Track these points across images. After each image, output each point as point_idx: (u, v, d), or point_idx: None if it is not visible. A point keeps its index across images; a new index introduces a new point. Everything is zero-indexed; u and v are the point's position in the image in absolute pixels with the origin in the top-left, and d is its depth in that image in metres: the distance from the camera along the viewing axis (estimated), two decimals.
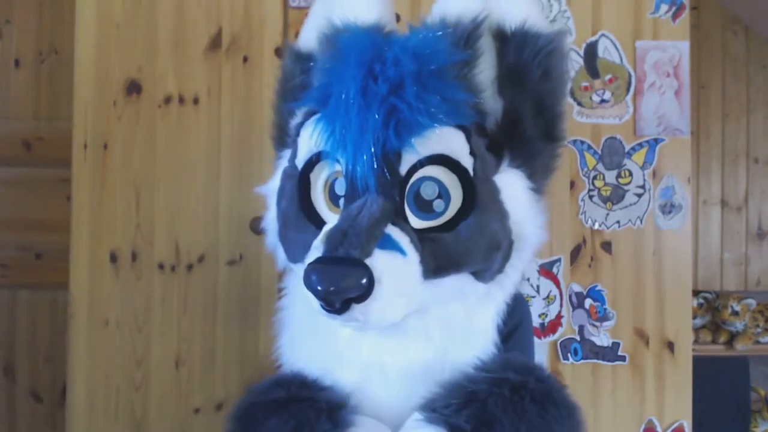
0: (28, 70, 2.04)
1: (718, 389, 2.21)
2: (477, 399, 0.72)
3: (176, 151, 1.44)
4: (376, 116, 0.71)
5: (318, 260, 0.67)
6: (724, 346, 2.38)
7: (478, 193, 0.74)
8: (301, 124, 0.81)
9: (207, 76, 1.44)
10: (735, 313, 2.34)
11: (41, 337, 2.01)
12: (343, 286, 0.65)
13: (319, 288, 0.66)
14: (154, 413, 1.42)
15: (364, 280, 0.65)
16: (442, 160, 0.73)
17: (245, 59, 1.44)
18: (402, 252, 0.70)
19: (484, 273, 0.77)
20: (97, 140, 1.44)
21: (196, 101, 1.44)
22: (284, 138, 0.89)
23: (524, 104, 0.78)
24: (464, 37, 0.76)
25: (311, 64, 0.86)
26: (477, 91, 0.78)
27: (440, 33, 0.76)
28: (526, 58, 0.77)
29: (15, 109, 2.03)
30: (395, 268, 0.68)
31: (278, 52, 1.44)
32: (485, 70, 0.79)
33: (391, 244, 0.69)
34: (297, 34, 1.44)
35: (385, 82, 0.71)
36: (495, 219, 0.76)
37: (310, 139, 0.77)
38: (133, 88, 1.44)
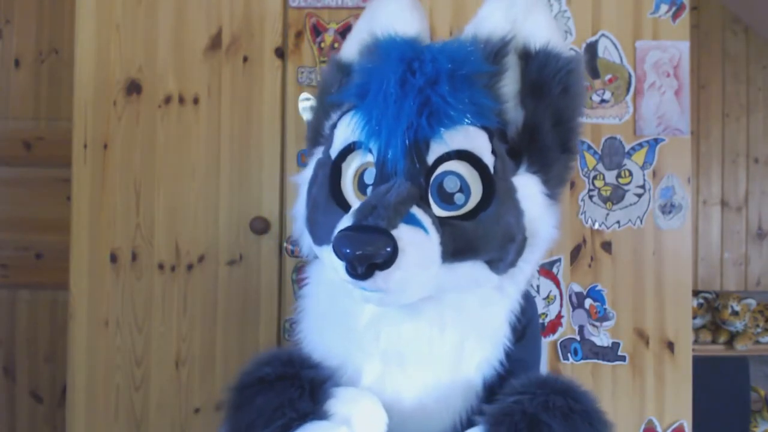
0: (28, 70, 2.04)
1: (718, 389, 2.21)
2: (534, 425, 0.77)
3: (176, 151, 1.44)
4: (416, 102, 0.77)
5: (348, 228, 0.73)
6: (724, 346, 2.38)
7: (496, 189, 0.80)
8: (335, 124, 0.89)
9: (207, 76, 1.44)
10: (735, 313, 2.34)
11: (41, 337, 2.01)
12: (369, 251, 0.70)
13: (347, 251, 0.71)
14: (154, 413, 1.42)
15: (389, 248, 0.70)
16: (466, 156, 0.80)
17: (245, 59, 1.44)
18: (425, 230, 0.75)
19: (498, 263, 0.82)
20: (97, 140, 1.44)
21: (196, 101, 1.44)
22: (318, 138, 0.96)
23: (543, 116, 0.85)
24: (493, 52, 0.85)
25: (350, 73, 0.94)
26: (501, 101, 0.85)
27: (472, 46, 0.84)
28: (547, 75, 0.85)
29: (15, 109, 2.03)
30: (418, 242, 0.74)
31: (278, 52, 1.44)
32: (510, 83, 0.86)
33: (415, 222, 0.75)
34: (297, 34, 1.45)
35: (423, 75, 0.78)
36: (510, 213, 0.81)
37: (346, 129, 0.85)
38: (133, 88, 1.44)
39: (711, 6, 2.55)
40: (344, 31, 1.42)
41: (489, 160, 0.80)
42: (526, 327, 0.92)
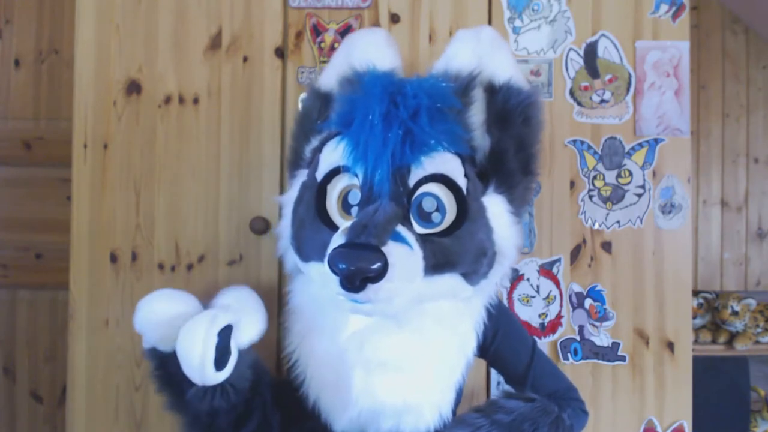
0: (28, 70, 2.04)
1: (718, 389, 2.21)
2: None
3: (176, 151, 1.44)
4: (399, 132, 0.87)
5: (342, 245, 0.81)
6: (724, 346, 2.38)
7: (469, 208, 0.90)
8: (318, 148, 0.98)
9: (207, 76, 1.44)
10: (735, 313, 2.34)
11: (41, 337, 2.01)
12: (363, 266, 0.78)
13: (343, 266, 0.78)
14: (154, 413, 1.42)
15: (380, 263, 0.78)
16: (442, 179, 0.89)
17: (245, 59, 1.44)
18: (410, 245, 0.84)
19: (472, 275, 0.92)
20: (97, 140, 1.44)
21: (196, 101, 1.44)
22: (299, 161, 1.05)
23: (508, 143, 0.96)
24: (463, 87, 0.96)
25: (329, 101, 1.04)
26: (470, 130, 0.96)
27: (445, 82, 0.94)
28: (511, 107, 0.95)
29: (15, 109, 2.04)
30: (405, 257, 0.82)
31: (278, 52, 1.44)
32: (477, 114, 0.97)
33: (401, 239, 0.83)
34: (297, 34, 1.45)
35: (405, 109, 0.88)
36: (482, 230, 0.92)
37: (331, 154, 0.94)
38: (133, 88, 1.44)
39: (711, 6, 2.55)
40: (344, 31, 1.42)
41: (462, 182, 0.90)
42: (497, 330, 1.05)
